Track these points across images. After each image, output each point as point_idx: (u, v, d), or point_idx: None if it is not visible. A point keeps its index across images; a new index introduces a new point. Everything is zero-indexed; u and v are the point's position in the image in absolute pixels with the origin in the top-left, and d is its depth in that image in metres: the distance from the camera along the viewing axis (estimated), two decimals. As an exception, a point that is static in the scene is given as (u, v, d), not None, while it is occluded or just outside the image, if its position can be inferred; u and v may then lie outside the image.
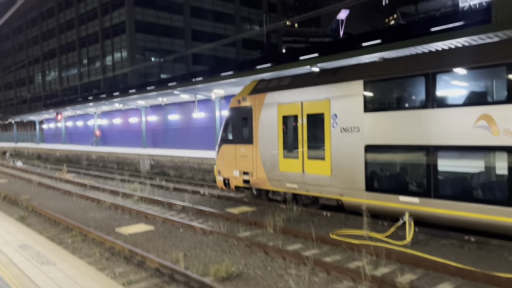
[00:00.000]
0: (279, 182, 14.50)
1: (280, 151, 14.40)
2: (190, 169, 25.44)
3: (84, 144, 48.49)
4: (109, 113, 42.66)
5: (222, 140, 16.96)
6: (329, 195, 12.87)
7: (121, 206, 16.46)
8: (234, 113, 16.32)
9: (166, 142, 34.58)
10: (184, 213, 15.39)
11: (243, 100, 15.80)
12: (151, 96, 30.04)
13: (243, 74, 22.10)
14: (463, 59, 9.88)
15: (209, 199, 18.18)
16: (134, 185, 21.89)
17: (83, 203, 18.06)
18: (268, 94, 14.80)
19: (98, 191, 21.46)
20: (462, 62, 9.85)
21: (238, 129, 16.14)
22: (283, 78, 14.85)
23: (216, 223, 13.52)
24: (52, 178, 27.75)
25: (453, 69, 9.93)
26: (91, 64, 74.46)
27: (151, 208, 16.59)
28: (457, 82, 10.33)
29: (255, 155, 15.38)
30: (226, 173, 16.82)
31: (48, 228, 13.46)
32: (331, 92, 12.62)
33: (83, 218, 14.88)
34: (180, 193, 20.17)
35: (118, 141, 41.64)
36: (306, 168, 13.52)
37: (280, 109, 14.32)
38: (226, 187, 17.11)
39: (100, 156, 35.97)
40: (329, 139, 12.71)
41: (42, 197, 19.88)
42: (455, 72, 9.96)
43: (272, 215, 14.11)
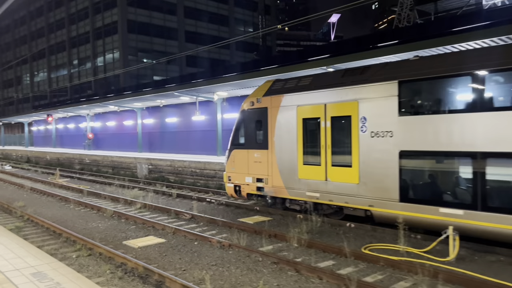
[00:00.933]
0: (298, 190, 13.51)
1: (299, 157, 13.41)
2: (192, 174, 24.32)
3: (75, 147, 46.99)
4: (103, 115, 41.29)
5: (233, 144, 15.93)
6: (356, 205, 11.91)
7: (125, 215, 15.33)
8: (246, 115, 15.30)
9: (163, 146, 33.38)
10: (194, 223, 14.31)
11: (257, 101, 14.79)
12: (149, 97, 28.88)
13: (252, 75, 21.13)
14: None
15: (217, 207, 17.12)
16: (134, 191, 20.71)
17: (82, 211, 16.86)
18: (286, 95, 13.82)
19: (96, 198, 20.23)
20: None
21: (251, 133, 15.12)
22: (302, 78, 13.88)
23: (232, 234, 12.46)
24: (45, 183, 26.41)
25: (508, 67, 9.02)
26: (82, 65, 72.77)
27: (157, 217, 15.48)
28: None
29: (270, 161, 14.36)
30: (237, 179, 15.78)
31: (48, 241, 12.28)
32: (359, 93, 11.68)
33: (85, 229, 13.71)
34: (185, 200, 19.07)
35: (111, 145, 40.28)
36: (329, 176, 12.54)
37: (300, 112, 13.34)
38: (237, 195, 16.07)
39: (94, 159, 34.63)
40: (357, 144, 11.76)
41: (36, 204, 18.61)
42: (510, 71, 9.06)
43: (291, 226, 13.16)
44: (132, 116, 36.44)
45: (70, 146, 48.44)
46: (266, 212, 15.42)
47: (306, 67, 18.14)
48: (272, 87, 14.68)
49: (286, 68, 19.38)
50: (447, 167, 10.20)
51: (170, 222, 14.49)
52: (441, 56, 11.37)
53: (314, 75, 13.67)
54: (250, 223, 13.89)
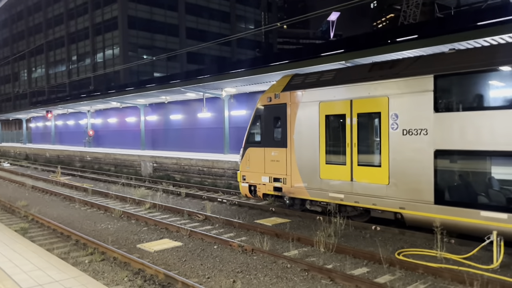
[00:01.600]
0: (320, 191, 12.80)
1: (321, 155, 12.71)
2: (199, 173, 23.59)
3: (75, 144, 46.12)
4: (104, 112, 40.43)
5: (248, 142, 15.22)
6: (385, 207, 11.22)
7: (134, 216, 14.60)
8: (263, 112, 14.58)
9: (167, 143, 32.59)
10: (208, 224, 13.60)
11: (275, 97, 14.07)
12: (153, 93, 28.09)
13: (261, 71, 20.36)
14: None
15: (229, 208, 16.40)
16: (141, 190, 19.96)
17: (89, 211, 16.11)
18: (307, 90, 13.10)
19: (102, 197, 19.48)
20: None
21: (268, 130, 14.40)
22: (325, 73, 13.17)
23: (251, 237, 11.78)
24: (46, 181, 25.61)
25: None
26: (81, 61, 71.81)
27: (169, 217, 14.77)
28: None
29: (289, 160, 13.65)
30: (252, 179, 15.07)
31: (57, 243, 11.54)
32: (390, 88, 10.98)
33: (95, 231, 12.97)
34: (195, 200, 18.35)
35: (113, 142, 39.45)
36: (355, 176, 11.84)
37: (323, 108, 12.63)
38: (251, 195, 15.36)
39: (95, 157, 33.82)
40: (386, 142, 11.06)
41: (40, 204, 17.84)
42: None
43: (313, 229, 12.48)
44: (135, 113, 35.65)
45: (70, 143, 47.58)
46: (283, 214, 14.73)
47: (320, 62, 17.42)
48: (291, 82, 13.97)
49: (298, 63, 18.63)
50: (489, 168, 9.52)
51: (183, 223, 13.78)
52: (482, 48, 10.68)
53: (338, 70, 12.97)
54: (269, 225, 13.19)
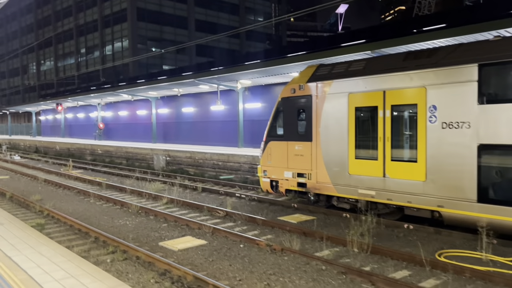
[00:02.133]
0: (349, 188, 12.20)
1: (350, 150, 12.09)
2: (214, 167, 23.06)
3: (85, 137, 45.79)
4: (114, 105, 39.98)
5: (270, 135, 14.62)
6: (421, 205, 10.60)
7: (152, 211, 14.09)
8: (286, 104, 13.96)
9: (179, 136, 32.09)
10: (230, 221, 13.05)
11: (300, 88, 13.44)
12: (165, 86, 27.54)
13: (279, 62, 19.72)
14: None
15: (249, 203, 15.85)
16: (156, 184, 19.45)
17: (105, 206, 15.63)
18: (335, 81, 12.46)
19: (117, 191, 19.01)
20: None
21: (292, 123, 13.79)
22: (354, 63, 12.52)
23: (277, 236, 11.23)
24: (58, 174, 25.21)
25: None
26: (89, 53, 71.43)
27: (188, 213, 14.26)
28: None
29: (314, 154, 13.05)
30: (274, 174, 14.49)
31: (75, 240, 11.04)
32: (428, 79, 10.32)
33: (113, 227, 12.48)
34: (212, 195, 17.82)
35: (123, 135, 39.03)
36: (388, 172, 11.22)
37: (352, 99, 11.99)
38: (273, 190, 14.78)
39: (106, 150, 33.40)
40: (424, 136, 10.42)
41: (54, 198, 17.41)
42: None
43: (342, 227, 11.91)
44: (146, 106, 35.15)
45: (80, 136, 47.26)
46: (306, 210, 14.16)
47: (343, 52, 16.79)
48: (316, 73, 13.33)
49: (318, 54, 17.98)
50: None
51: (203, 220, 13.26)
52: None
53: (368, 59, 12.31)
54: (294, 222, 12.62)
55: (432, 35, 15.15)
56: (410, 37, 15.20)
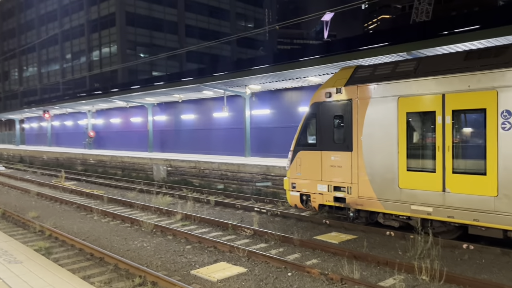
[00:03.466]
0: (398, 203, 10.86)
1: (401, 161, 10.77)
2: (222, 178, 21.53)
3: (74, 146, 43.69)
4: (106, 112, 38.11)
5: (299, 145, 13.24)
6: (492, 223, 9.30)
7: (170, 230, 12.53)
8: (320, 109, 12.61)
9: (178, 145, 30.46)
10: (261, 241, 11.58)
11: (337, 92, 12.10)
12: (165, 92, 25.98)
13: (293, 66, 18.39)
14: None
15: (273, 219, 14.39)
16: (163, 198, 17.84)
17: (112, 224, 13.98)
18: (381, 84, 11.16)
19: (120, 206, 17.34)
20: None
21: (327, 131, 12.44)
22: (401, 63, 11.26)
23: (324, 260, 9.83)
24: (51, 187, 23.33)
25: None
26: (76, 59, 69.16)
27: (209, 232, 12.74)
28: None
29: (355, 166, 11.70)
30: (305, 187, 13.08)
31: (90, 269, 9.43)
32: (499, 80, 9.09)
33: (129, 250, 10.88)
34: (227, 209, 16.32)
35: (116, 144, 37.17)
36: (449, 186, 9.92)
37: (403, 104, 10.70)
38: (303, 205, 13.36)
39: (99, 160, 31.53)
40: (495, 145, 9.17)
41: (53, 215, 15.67)
42: None
43: (392, 248, 10.56)
44: (141, 113, 33.43)
45: (68, 145, 45.11)
46: (342, 228, 12.77)
47: (374, 54, 15.55)
48: (355, 75, 12.02)
49: (346, 56, 16.69)
50: None
51: (230, 240, 11.77)
52: None
53: (420, 59, 11.04)
54: (335, 243, 11.21)
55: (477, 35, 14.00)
56: (458, 35, 14.00)
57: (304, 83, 21.14)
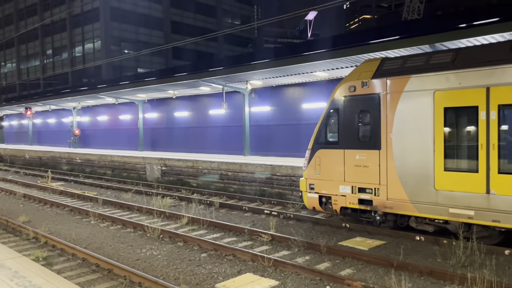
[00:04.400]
0: (435, 206, 10.01)
1: (437, 160, 9.93)
2: (222, 178, 20.46)
3: (57, 144, 41.89)
4: (93, 109, 36.52)
5: (319, 143, 12.30)
6: (545, 228, 8.52)
7: (179, 236, 11.45)
8: (343, 105, 11.69)
9: (170, 143, 29.20)
10: (282, 248, 10.61)
11: (363, 86, 11.20)
12: (159, 87, 24.76)
13: (300, 60, 17.47)
14: None
15: (286, 222, 13.43)
16: (164, 200, 16.67)
17: (113, 230, 12.80)
18: (414, 77, 10.31)
19: (117, 209, 16.13)
20: None
21: (350, 127, 11.53)
22: (435, 54, 10.43)
23: (358, 270, 8.94)
24: (38, 188, 21.87)
25: None
26: (57, 55, 66.84)
27: (221, 237, 11.72)
28: None
29: (384, 165, 10.82)
30: (324, 188, 12.15)
31: (99, 282, 8.33)
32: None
33: (140, 260, 9.76)
34: (234, 212, 15.31)
35: (103, 142, 35.65)
36: (494, 187, 9.11)
37: (440, 98, 9.86)
38: (322, 208, 12.41)
39: (87, 159, 30.05)
40: (550, 143, 8.38)
41: (45, 219, 14.40)
42: None
43: (427, 254, 9.72)
44: (131, 110, 32.03)
45: (51, 143, 43.26)
46: (364, 232, 11.90)
47: (389, 47, 14.70)
48: (382, 67, 11.14)
49: (364, 48, 15.72)
50: None
51: (247, 246, 10.77)
52: None
53: (458, 50, 10.22)
54: (365, 250, 10.32)
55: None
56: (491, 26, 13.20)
57: (309, 78, 20.24)
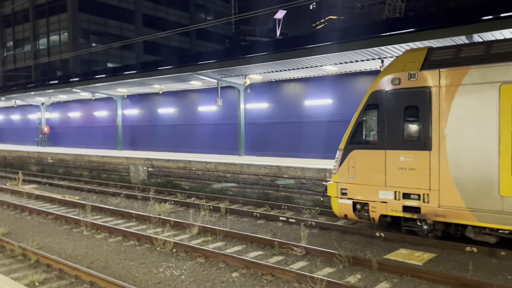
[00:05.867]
0: (500, 215, 8.86)
1: (503, 162, 8.77)
2: (218, 180, 18.82)
3: (23, 143, 38.78)
4: (64, 105, 33.81)
5: (354, 142, 10.95)
6: None
7: (198, 250, 9.85)
8: (385, 99, 10.38)
9: (153, 142, 27.16)
10: (325, 264, 9.16)
11: (411, 78, 9.92)
12: (142, 81, 22.83)
13: (303, 53, 16.11)
14: None
15: (310, 232, 11.99)
16: (164, 206, 14.90)
17: (113, 243, 10.98)
18: (473, 68, 9.11)
19: (110, 217, 14.22)
20: None
21: (394, 125, 10.23)
22: (496, 43, 9.32)
23: (428, 291, 7.58)
24: (9, 192, 19.46)
25: None
26: (18, 47, 62.69)
27: (246, 251, 10.19)
28: None
29: (435, 168, 9.58)
30: (360, 194, 10.80)
31: (125, 320, 6.58)
32: None
33: (162, 284, 8.12)
34: (245, 219, 13.77)
35: (75, 141, 33.05)
36: None
37: (508, 92, 8.70)
38: (356, 215, 11.05)
39: (60, 159, 27.58)
40: None
41: (27, 230, 12.38)
42: None
43: (494, 270, 8.54)
44: (108, 106, 29.71)
45: (15, 141, 40.04)
46: (404, 242, 10.66)
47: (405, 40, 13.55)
48: (431, 58, 9.91)
49: (375, 41, 14.53)
50: None
51: (280, 262, 9.31)
52: None
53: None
54: (419, 264, 9.06)
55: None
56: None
57: (313, 72, 18.86)
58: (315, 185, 15.96)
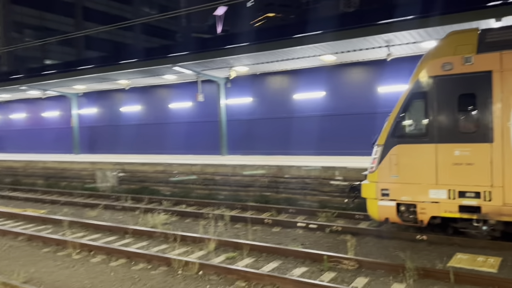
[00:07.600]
0: None
1: None
2: (206, 183, 17.03)
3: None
4: (5, 105, 30.03)
5: (396, 136, 9.73)
6: None
7: (232, 272, 8.15)
8: (434, 87, 9.26)
9: (116, 144, 24.53)
10: (389, 279, 7.85)
11: (466, 62, 8.84)
12: (105, 76, 20.41)
13: (292, 42, 14.83)
14: None
15: (338, 237, 10.66)
16: (158, 216, 12.93)
17: (119, 267, 9.00)
18: (544, 50, 8.16)
19: (98, 234, 12.01)
20: None
21: (446, 115, 9.13)
22: None
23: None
24: (-45, 208, 16.38)
25: None
26: None
27: (285, 267, 8.63)
28: None
29: (499, 162, 8.60)
30: (406, 194, 9.62)
31: None
32: None
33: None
34: (256, 227, 12.12)
35: (20, 145, 29.41)
36: None
37: None
38: (400, 219, 9.85)
39: (7, 167, 24.24)
40: None
41: (5, 258, 9.94)
42: None
43: None
44: (61, 105, 26.59)
45: None
46: (455, 245, 9.64)
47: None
48: (487, 39, 8.91)
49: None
50: None
51: (333, 279, 7.88)
52: None
53: None
54: (494, 272, 7.99)
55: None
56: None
57: (305, 63, 17.55)
58: (321, 185, 14.68)
